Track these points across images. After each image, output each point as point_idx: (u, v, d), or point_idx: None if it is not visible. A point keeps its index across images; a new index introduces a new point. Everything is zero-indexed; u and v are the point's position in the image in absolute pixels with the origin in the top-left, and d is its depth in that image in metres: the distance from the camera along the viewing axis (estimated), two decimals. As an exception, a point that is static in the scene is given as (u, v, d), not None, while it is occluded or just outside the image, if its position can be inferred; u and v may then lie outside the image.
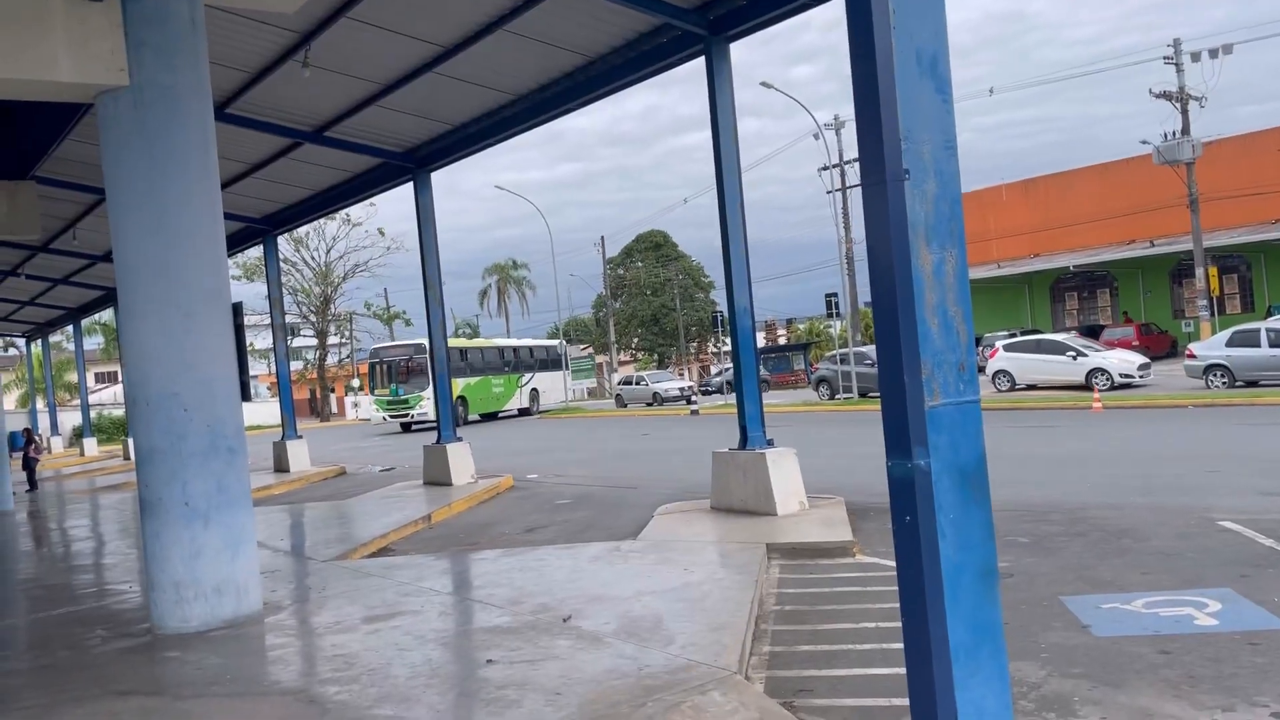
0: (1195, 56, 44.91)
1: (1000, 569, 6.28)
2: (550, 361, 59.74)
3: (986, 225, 58.55)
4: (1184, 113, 45.02)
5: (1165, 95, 45.06)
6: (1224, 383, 30.85)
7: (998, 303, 58.94)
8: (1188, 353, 32.46)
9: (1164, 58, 45.49)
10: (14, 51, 9.43)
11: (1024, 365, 37.15)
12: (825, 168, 56.59)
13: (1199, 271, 44.45)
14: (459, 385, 49.43)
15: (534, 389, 56.90)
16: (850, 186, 57.90)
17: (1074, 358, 35.86)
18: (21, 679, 8.26)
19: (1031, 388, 36.82)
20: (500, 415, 54.67)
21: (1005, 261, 57.86)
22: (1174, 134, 45.13)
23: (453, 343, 51.54)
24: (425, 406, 47.24)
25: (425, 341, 44.18)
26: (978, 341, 50.98)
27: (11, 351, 70.20)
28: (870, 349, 43.13)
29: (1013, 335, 48.53)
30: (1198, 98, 45.19)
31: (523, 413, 56.19)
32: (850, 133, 58.02)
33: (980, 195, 59.57)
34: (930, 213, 4.81)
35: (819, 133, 53.92)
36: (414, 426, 48.96)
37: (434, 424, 39.11)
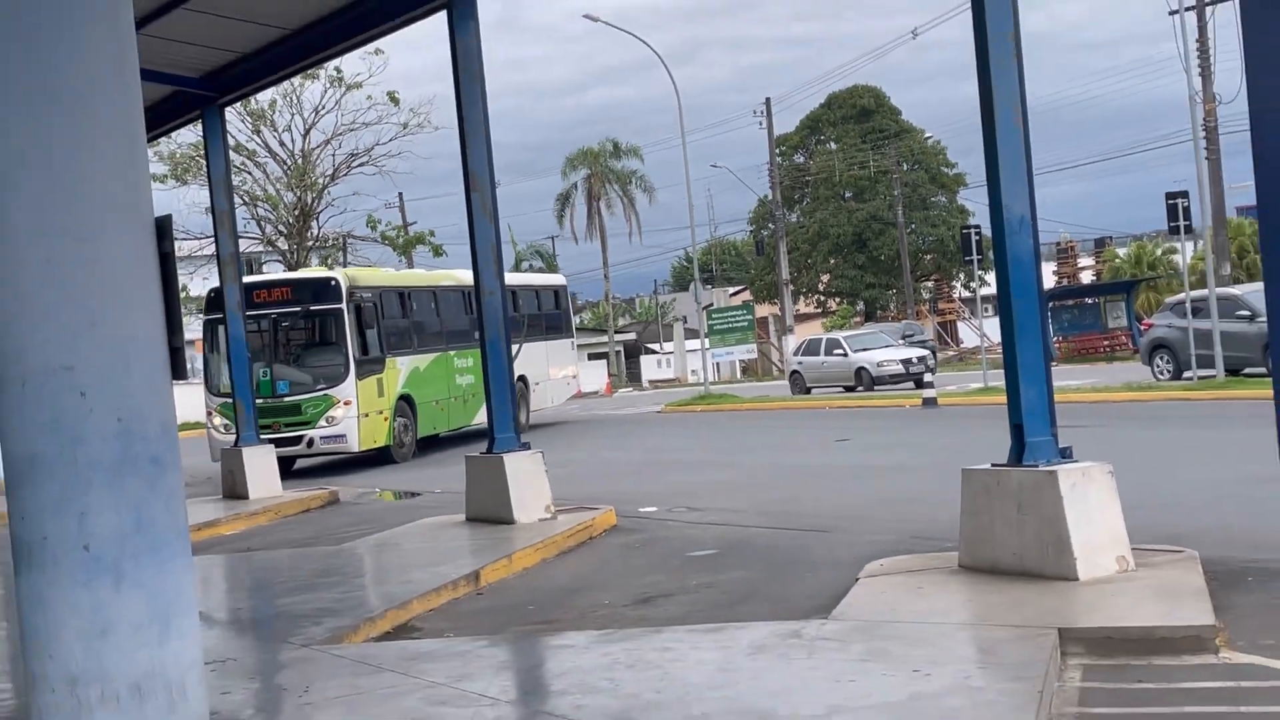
0: None
1: None
2: (548, 320, 32.24)
3: None
4: None
5: None
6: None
7: None
8: None
9: None
10: None
11: None
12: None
13: None
14: (401, 373, 24.96)
15: (521, 379, 27.34)
16: None
17: None
18: None
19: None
20: (459, 435, 27.55)
21: None
22: None
23: (363, 275, 26.75)
24: (342, 417, 23.33)
25: (339, 274, 24.62)
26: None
27: None
28: (1251, 291, 25.83)
29: None
30: None
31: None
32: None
33: None
34: None
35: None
36: (309, 458, 24.45)
37: (350, 455, 23.99)
